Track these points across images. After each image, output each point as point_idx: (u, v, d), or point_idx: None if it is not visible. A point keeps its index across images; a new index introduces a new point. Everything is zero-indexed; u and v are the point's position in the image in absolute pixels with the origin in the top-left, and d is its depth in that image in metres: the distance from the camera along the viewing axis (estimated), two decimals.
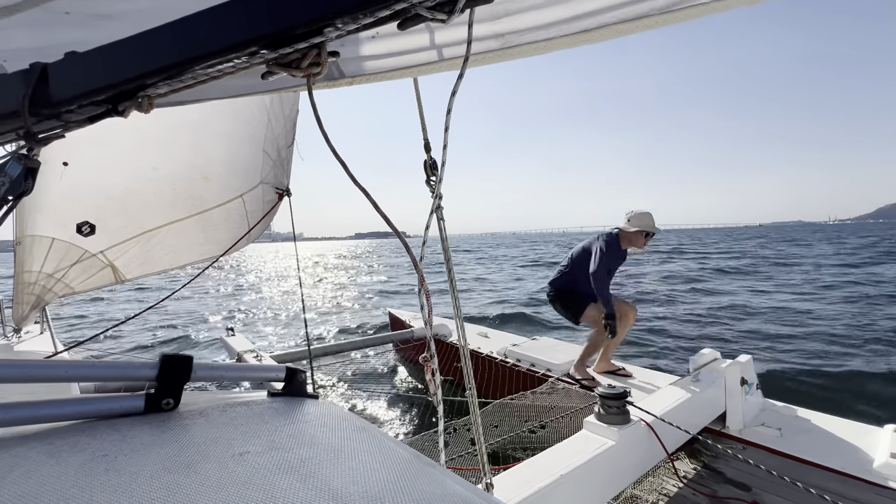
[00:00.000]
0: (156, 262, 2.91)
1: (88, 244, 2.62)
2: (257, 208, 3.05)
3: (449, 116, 0.62)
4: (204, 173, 2.72)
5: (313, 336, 8.80)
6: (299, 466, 0.43)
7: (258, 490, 0.38)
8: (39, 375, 0.51)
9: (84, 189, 2.47)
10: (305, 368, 2.29)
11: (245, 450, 0.45)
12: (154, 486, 0.37)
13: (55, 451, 0.43)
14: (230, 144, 2.73)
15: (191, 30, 0.53)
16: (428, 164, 1.17)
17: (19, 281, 2.69)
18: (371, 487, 0.40)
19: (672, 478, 2.07)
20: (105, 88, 0.56)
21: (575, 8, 0.70)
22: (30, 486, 0.36)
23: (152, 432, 0.48)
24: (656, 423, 2.10)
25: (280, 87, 0.87)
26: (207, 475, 0.40)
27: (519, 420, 2.83)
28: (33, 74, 0.57)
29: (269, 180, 2.99)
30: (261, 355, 3.79)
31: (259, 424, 0.53)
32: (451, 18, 0.51)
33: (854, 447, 2.13)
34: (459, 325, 1.09)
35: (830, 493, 1.83)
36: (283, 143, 2.94)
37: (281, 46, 0.53)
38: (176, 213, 2.76)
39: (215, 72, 0.56)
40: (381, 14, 0.49)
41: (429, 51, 0.79)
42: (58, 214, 2.51)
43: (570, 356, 3.53)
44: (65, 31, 0.76)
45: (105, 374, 0.56)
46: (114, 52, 0.56)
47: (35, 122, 0.58)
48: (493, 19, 0.74)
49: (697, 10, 0.66)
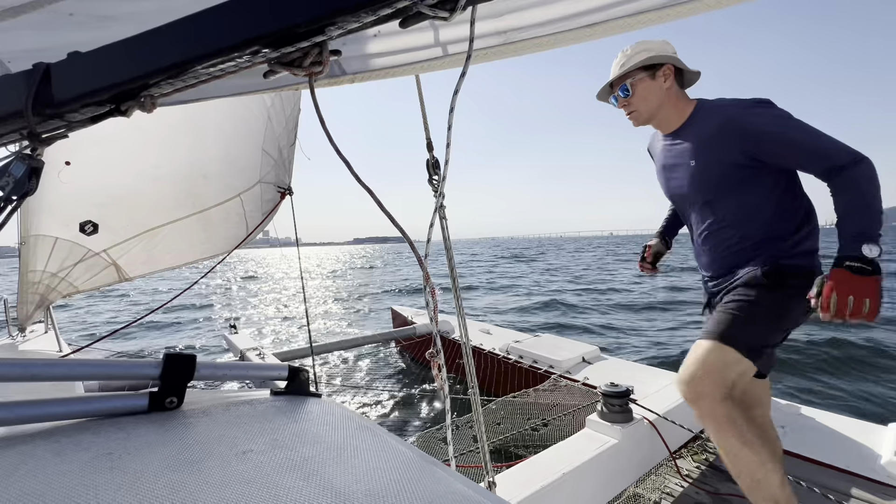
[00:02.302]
0: (158, 261, 2.92)
1: (91, 243, 2.64)
2: (255, 208, 3.05)
3: (452, 114, 0.62)
4: (203, 172, 2.73)
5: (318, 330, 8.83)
6: (302, 465, 0.43)
7: (261, 488, 0.38)
8: (44, 374, 0.51)
9: (87, 188, 2.49)
10: (308, 366, 2.30)
11: (248, 448, 0.46)
12: (158, 485, 0.37)
13: (60, 449, 0.43)
14: (228, 143, 2.73)
15: (193, 29, 0.53)
16: (430, 163, 1.17)
17: (24, 280, 2.70)
18: (374, 486, 0.40)
19: (675, 476, 2.07)
20: (108, 88, 0.56)
21: (578, 4, 0.70)
22: (35, 484, 0.36)
23: (156, 431, 0.49)
24: (659, 422, 2.10)
25: (282, 86, 0.87)
26: (211, 473, 0.40)
27: (521, 417, 2.83)
28: (36, 74, 0.57)
29: (268, 179, 3.00)
30: (263, 353, 3.80)
31: (262, 423, 0.54)
32: (453, 16, 0.50)
33: (858, 445, 2.13)
34: (461, 322, 1.09)
35: (834, 492, 1.82)
36: (285, 143, 2.95)
37: (283, 45, 0.53)
38: (177, 212, 2.77)
39: (217, 71, 0.56)
40: (382, 12, 0.49)
41: (431, 48, 0.79)
42: (61, 214, 2.52)
43: (572, 353, 3.52)
44: (69, 33, 0.77)
45: (109, 372, 0.57)
46: (117, 52, 0.56)
47: (38, 122, 0.59)
48: (496, 16, 0.73)
49: (701, 4, 0.66)
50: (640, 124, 1.52)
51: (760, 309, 1.34)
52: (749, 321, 1.33)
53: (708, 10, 0.67)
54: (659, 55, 1.42)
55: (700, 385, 1.29)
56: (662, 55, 1.43)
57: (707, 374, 1.29)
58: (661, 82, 1.44)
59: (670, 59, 1.43)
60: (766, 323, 1.35)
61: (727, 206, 1.44)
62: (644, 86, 1.45)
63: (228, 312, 12.22)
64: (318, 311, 12.07)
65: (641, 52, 1.44)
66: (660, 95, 1.45)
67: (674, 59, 1.44)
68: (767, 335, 1.36)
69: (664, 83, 1.44)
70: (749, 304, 1.35)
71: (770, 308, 1.35)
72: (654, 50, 1.43)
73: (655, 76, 1.44)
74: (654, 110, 1.47)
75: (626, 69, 1.45)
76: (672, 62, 1.44)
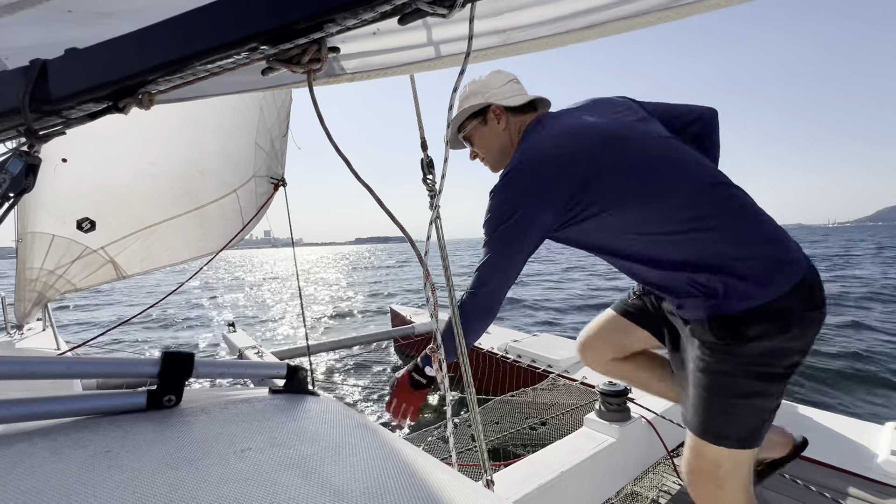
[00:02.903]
0: (156, 258, 2.91)
1: (89, 240, 2.63)
2: (250, 203, 3.04)
3: (451, 113, 0.61)
4: (200, 168, 2.72)
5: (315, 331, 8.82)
6: (300, 463, 0.43)
7: (259, 486, 0.38)
8: (42, 372, 0.51)
9: (84, 185, 2.47)
10: (306, 365, 2.29)
11: (246, 446, 0.46)
12: (156, 483, 0.37)
13: (58, 447, 0.43)
14: (224, 138, 2.72)
15: (191, 26, 0.53)
16: (425, 162, 1.17)
17: (21, 278, 2.69)
18: (372, 484, 0.40)
19: (672, 475, 2.08)
20: (105, 85, 0.56)
21: (578, 3, 0.70)
22: (33, 482, 0.36)
23: (154, 429, 0.48)
24: (657, 420, 2.11)
25: (280, 84, 0.87)
26: (209, 471, 0.40)
27: (519, 416, 2.84)
28: (34, 71, 0.56)
29: (261, 173, 2.98)
30: (262, 352, 3.80)
31: (260, 421, 0.54)
32: (452, 13, 0.50)
33: (855, 444, 2.14)
34: (457, 321, 1.10)
35: (830, 490, 1.83)
36: (277, 134, 2.93)
37: (281, 42, 0.52)
38: (174, 209, 2.76)
39: (215, 68, 0.56)
40: (381, 9, 0.49)
41: (430, 47, 0.79)
42: (58, 211, 2.51)
43: (570, 352, 3.52)
44: (67, 29, 0.76)
45: (107, 370, 0.56)
46: (114, 49, 0.56)
47: (35, 118, 0.58)
48: (495, 15, 0.73)
49: (702, 5, 0.66)
50: (496, 171, 1.34)
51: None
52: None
53: (709, 11, 0.67)
54: (482, 100, 1.26)
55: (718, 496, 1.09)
56: (485, 99, 1.26)
57: (720, 487, 1.08)
58: (495, 125, 1.27)
59: (494, 97, 1.26)
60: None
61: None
62: (479, 134, 1.30)
63: (229, 310, 12.20)
64: (324, 311, 12.06)
65: (466, 99, 1.29)
66: (499, 138, 1.28)
67: (498, 96, 1.26)
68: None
69: (498, 125, 1.27)
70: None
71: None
72: (479, 93, 1.27)
73: (487, 120, 1.28)
74: (499, 155, 1.31)
75: (458, 123, 1.31)
76: (496, 101, 1.26)
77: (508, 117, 1.26)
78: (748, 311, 0.96)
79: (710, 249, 0.99)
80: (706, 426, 1.07)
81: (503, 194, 1.09)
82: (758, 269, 0.96)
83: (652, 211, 1.02)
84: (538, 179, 1.06)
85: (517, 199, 1.07)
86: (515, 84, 1.30)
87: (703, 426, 1.07)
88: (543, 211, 1.06)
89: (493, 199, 1.11)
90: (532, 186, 1.06)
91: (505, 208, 1.08)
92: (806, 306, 0.97)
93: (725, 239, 0.98)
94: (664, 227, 1.02)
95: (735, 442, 1.04)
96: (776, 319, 0.95)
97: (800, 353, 1.00)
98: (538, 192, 1.06)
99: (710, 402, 1.04)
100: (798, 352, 0.99)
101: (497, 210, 1.09)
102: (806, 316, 0.97)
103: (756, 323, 0.96)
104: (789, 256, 0.98)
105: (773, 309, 0.95)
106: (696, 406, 1.08)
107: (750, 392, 1.00)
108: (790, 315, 0.96)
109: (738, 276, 0.96)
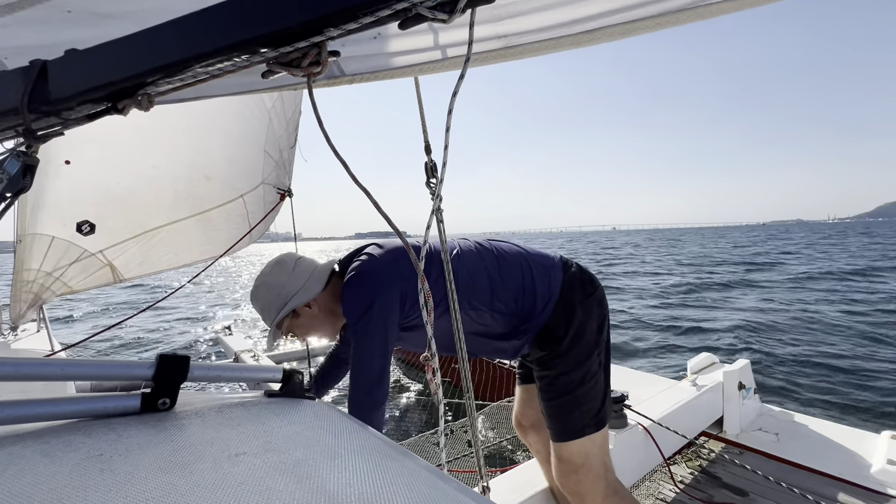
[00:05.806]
0: (155, 262, 2.91)
1: (88, 243, 2.62)
2: (258, 209, 3.05)
3: (450, 117, 0.61)
4: (205, 172, 2.72)
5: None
6: (295, 468, 0.42)
7: (253, 491, 0.37)
8: (35, 374, 0.50)
9: (85, 188, 2.47)
10: (302, 369, 2.28)
11: (241, 451, 0.45)
12: (149, 487, 0.37)
13: (50, 450, 0.42)
14: (231, 144, 2.73)
15: (191, 28, 0.53)
16: (429, 166, 1.16)
17: (18, 279, 2.68)
18: (367, 489, 0.40)
19: (668, 482, 2.07)
20: (105, 86, 0.56)
21: (577, 11, 0.70)
22: (24, 485, 0.36)
23: (148, 432, 0.48)
24: (653, 428, 2.10)
25: (281, 86, 0.87)
26: (203, 476, 0.39)
27: None
28: (33, 71, 0.56)
29: (270, 181, 2.99)
30: (258, 355, 3.79)
31: (255, 425, 0.53)
32: (452, 19, 0.50)
33: (851, 453, 2.13)
34: (458, 326, 1.09)
35: (827, 499, 1.83)
36: (285, 145, 2.95)
37: (281, 45, 0.52)
38: (176, 214, 2.76)
39: (216, 70, 0.56)
40: (381, 14, 0.49)
41: (430, 51, 0.79)
42: (58, 213, 2.51)
43: None
44: (67, 30, 0.76)
45: (101, 373, 0.56)
46: (114, 50, 0.56)
47: (34, 119, 0.58)
48: (496, 21, 0.74)
49: (694, 13, 0.66)
50: (332, 340, 1.43)
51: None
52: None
53: (703, 19, 0.68)
54: (288, 307, 1.19)
55: (581, 486, 1.25)
56: (292, 305, 1.20)
57: (585, 474, 1.24)
58: (308, 311, 1.23)
59: (298, 299, 1.20)
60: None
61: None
62: (297, 324, 1.25)
63: (225, 312, 12.17)
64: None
65: (265, 310, 1.22)
66: (317, 320, 1.25)
67: (302, 295, 1.20)
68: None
69: (311, 311, 1.23)
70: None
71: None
72: (275, 303, 1.20)
73: (298, 312, 1.23)
74: (328, 330, 1.31)
75: (271, 327, 1.24)
76: (303, 301, 1.20)
77: (316, 301, 1.23)
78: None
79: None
80: (567, 427, 1.24)
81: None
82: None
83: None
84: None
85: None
86: (304, 263, 1.25)
87: (564, 427, 1.24)
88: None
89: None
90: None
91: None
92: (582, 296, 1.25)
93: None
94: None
95: (593, 427, 1.23)
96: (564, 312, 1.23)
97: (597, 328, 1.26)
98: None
99: (562, 405, 1.24)
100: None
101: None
102: (585, 302, 1.25)
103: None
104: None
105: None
106: (554, 416, 1.25)
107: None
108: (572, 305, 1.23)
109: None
